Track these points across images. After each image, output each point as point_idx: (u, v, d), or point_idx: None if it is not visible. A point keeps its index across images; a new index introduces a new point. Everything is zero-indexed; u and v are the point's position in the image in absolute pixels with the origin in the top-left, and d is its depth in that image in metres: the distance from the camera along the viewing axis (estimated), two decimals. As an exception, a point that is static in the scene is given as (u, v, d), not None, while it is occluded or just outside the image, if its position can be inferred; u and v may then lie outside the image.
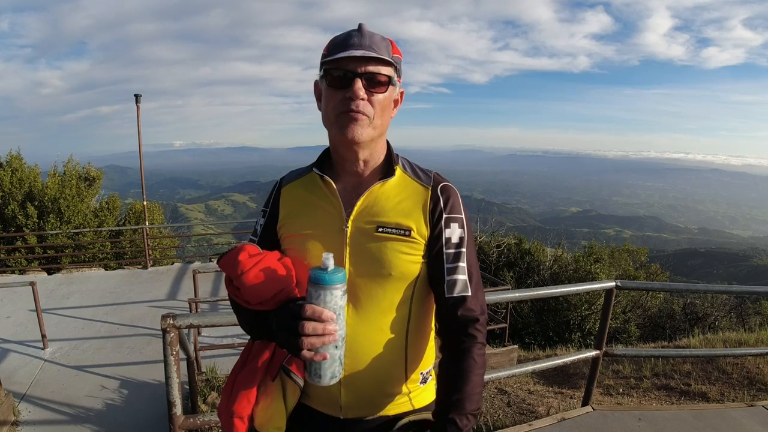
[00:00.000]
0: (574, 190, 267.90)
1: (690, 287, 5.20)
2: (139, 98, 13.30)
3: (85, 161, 16.18)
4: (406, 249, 1.19)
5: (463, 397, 1.12)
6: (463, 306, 1.20)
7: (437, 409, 1.16)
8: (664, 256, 27.84)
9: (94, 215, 15.21)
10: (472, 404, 1.12)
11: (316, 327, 0.96)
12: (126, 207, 17.85)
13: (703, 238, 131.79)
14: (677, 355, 5.52)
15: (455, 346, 1.19)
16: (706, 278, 54.17)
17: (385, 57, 1.12)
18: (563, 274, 14.73)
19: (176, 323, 2.24)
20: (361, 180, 1.25)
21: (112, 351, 7.18)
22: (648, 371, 5.84)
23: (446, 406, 1.13)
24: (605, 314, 3.62)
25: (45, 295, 9.15)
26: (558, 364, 3.43)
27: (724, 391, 5.07)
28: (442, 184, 1.26)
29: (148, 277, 11.23)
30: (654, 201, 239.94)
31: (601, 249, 16.04)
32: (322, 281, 0.97)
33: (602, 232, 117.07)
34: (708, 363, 5.70)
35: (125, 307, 9.09)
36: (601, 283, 3.55)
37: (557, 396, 5.53)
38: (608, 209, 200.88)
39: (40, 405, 5.71)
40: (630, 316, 13.85)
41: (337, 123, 1.15)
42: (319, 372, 1.01)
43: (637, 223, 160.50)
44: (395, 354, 1.22)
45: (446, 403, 1.14)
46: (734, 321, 12.76)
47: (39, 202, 13.95)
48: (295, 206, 1.28)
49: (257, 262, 1.11)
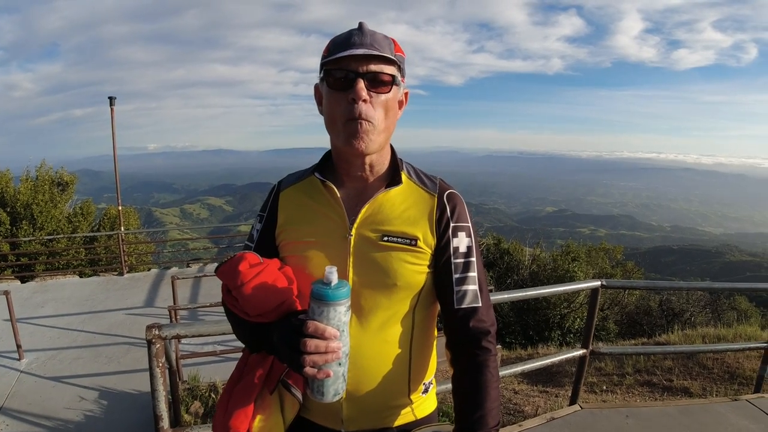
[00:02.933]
0: (550, 190, 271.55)
1: (673, 285, 5.30)
2: (113, 101, 13.06)
3: (58, 165, 15.88)
4: (412, 259, 1.15)
5: (485, 413, 1.09)
6: (474, 317, 1.17)
7: (459, 427, 1.12)
8: (639, 254, 28.36)
9: (68, 221, 14.89)
10: (494, 419, 1.10)
11: (319, 345, 0.92)
12: (100, 212, 17.49)
13: (676, 236, 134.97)
14: (662, 351, 5.63)
15: (470, 360, 1.15)
16: (680, 275, 55.38)
17: (388, 55, 1.08)
18: (542, 273, 14.86)
19: (162, 334, 2.16)
20: (366, 186, 1.20)
21: (89, 361, 7.00)
22: (630, 368, 5.92)
23: (470, 424, 1.09)
24: (591, 313, 3.65)
25: (19, 303, 8.86)
26: (546, 364, 3.44)
27: (706, 386, 5.17)
28: (448, 191, 1.23)
29: (125, 283, 10.96)
30: (628, 200, 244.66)
31: (578, 248, 16.24)
32: (326, 297, 0.92)
33: (578, 231, 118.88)
34: (689, 358, 5.81)
35: (102, 315, 8.87)
36: (587, 283, 3.59)
37: (542, 395, 5.57)
38: (583, 209, 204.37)
39: (18, 417, 5.56)
40: (608, 314, 14.03)
41: (344, 132, 1.09)
42: (321, 389, 0.97)
43: (611, 222, 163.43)
44: (400, 365, 1.19)
45: (469, 421, 1.10)
46: (709, 316, 13.04)
47: (11, 208, 13.62)
48: (295, 212, 1.23)
49: (258, 273, 1.06)
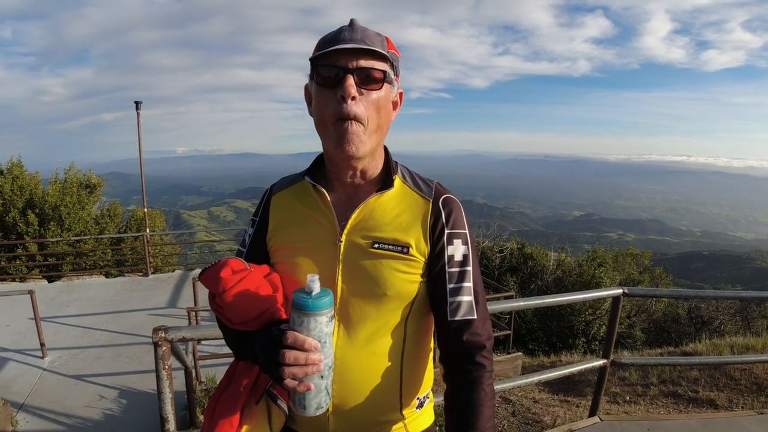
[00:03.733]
0: (576, 194, 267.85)
1: (699, 293, 5.08)
2: (139, 105, 13.29)
3: (87, 168, 16.26)
4: (403, 267, 1.09)
5: None
6: (468, 330, 1.10)
7: None
8: (668, 260, 27.63)
9: (95, 222, 15.22)
10: None
11: (298, 356, 0.87)
12: (128, 214, 17.85)
13: (706, 241, 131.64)
14: (686, 363, 5.44)
15: (462, 377, 1.09)
16: (710, 281, 53.95)
17: (379, 50, 1.02)
18: (567, 278, 14.61)
19: (168, 336, 2.16)
20: (357, 190, 1.15)
21: (111, 360, 7.11)
22: (655, 378, 5.74)
23: None
24: (612, 322, 3.52)
25: (45, 303, 9.10)
26: (565, 374, 3.34)
27: (733, 398, 4.97)
28: (444, 196, 1.15)
29: (149, 284, 11.16)
30: (656, 204, 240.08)
31: (605, 253, 15.95)
32: (305, 307, 0.88)
33: (605, 235, 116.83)
34: (716, 369, 5.61)
35: (125, 315, 9.03)
36: (608, 291, 3.46)
37: (563, 405, 5.43)
38: (610, 213, 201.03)
39: (38, 415, 5.66)
40: (635, 321, 13.74)
41: (335, 133, 1.04)
42: (303, 402, 0.93)
43: (639, 227, 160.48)
44: (389, 379, 1.12)
45: None
46: (739, 324, 12.67)
47: (40, 210, 13.96)
48: (286, 216, 1.19)
49: (240, 280, 1.02)
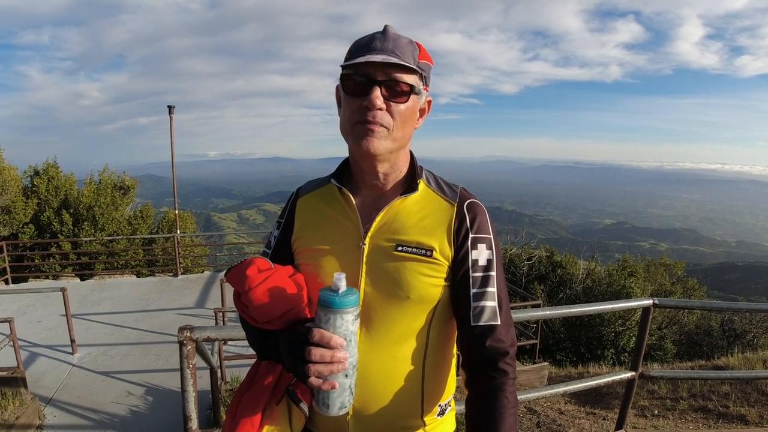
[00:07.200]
0: (608, 201, 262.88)
1: (732, 306, 4.91)
2: (172, 109, 13.64)
3: (122, 170, 16.67)
4: (426, 270, 1.09)
5: None
6: (491, 336, 1.08)
7: None
8: (701, 270, 26.92)
9: (128, 223, 15.58)
10: None
11: (324, 354, 0.88)
12: (160, 215, 18.25)
13: (741, 252, 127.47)
14: (717, 377, 5.26)
15: (485, 383, 1.07)
16: (745, 293, 52.21)
17: (409, 63, 1.02)
18: (596, 288, 14.31)
19: (193, 336, 2.18)
20: (382, 194, 1.16)
21: (139, 358, 7.26)
22: (685, 392, 5.59)
23: None
24: (642, 334, 3.43)
25: (77, 300, 9.35)
26: (591, 385, 3.26)
27: (764, 414, 4.84)
28: (468, 200, 1.15)
29: (179, 284, 11.38)
30: (690, 213, 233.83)
31: (636, 262, 15.60)
32: (332, 304, 0.89)
33: (637, 244, 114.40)
34: (747, 384, 5.44)
35: (154, 314, 9.21)
36: (637, 301, 3.37)
37: (589, 417, 5.31)
38: (643, 221, 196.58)
39: (66, 410, 5.79)
40: (666, 333, 13.39)
41: (353, 133, 1.06)
42: (327, 401, 0.94)
43: (673, 236, 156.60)
44: (411, 385, 1.12)
45: None
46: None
47: (74, 210, 14.38)
48: (311, 219, 1.21)
49: (266, 278, 1.03)
